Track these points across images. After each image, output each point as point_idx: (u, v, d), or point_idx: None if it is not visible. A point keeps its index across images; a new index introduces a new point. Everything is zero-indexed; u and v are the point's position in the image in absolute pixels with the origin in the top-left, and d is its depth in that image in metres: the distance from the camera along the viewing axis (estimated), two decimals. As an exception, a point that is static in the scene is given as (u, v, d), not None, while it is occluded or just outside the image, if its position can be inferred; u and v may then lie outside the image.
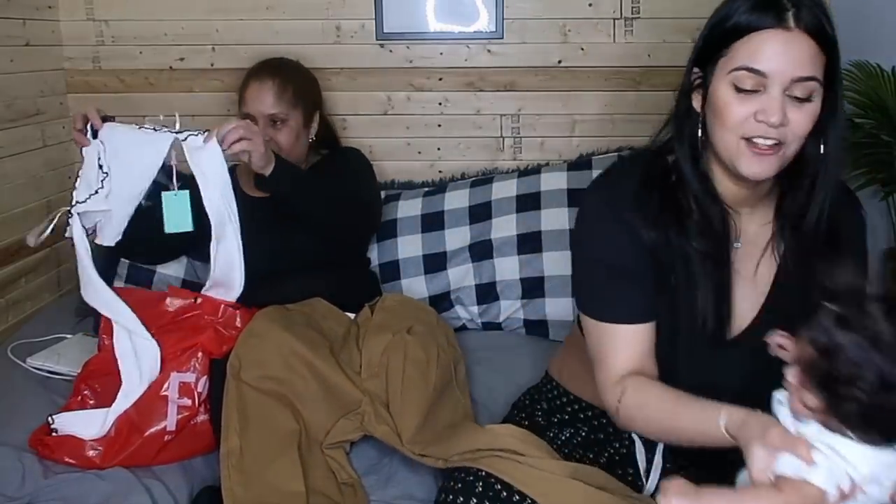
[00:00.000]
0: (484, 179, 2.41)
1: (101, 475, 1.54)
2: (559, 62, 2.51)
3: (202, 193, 1.68)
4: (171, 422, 1.62)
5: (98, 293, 1.68)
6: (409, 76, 2.53)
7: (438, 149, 2.58)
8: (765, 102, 1.14)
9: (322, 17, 2.50)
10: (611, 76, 2.50)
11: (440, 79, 2.53)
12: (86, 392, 1.69)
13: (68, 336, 2.09)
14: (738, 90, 1.16)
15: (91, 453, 1.59)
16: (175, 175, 1.69)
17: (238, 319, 1.72)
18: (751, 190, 1.26)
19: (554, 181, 2.33)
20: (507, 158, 2.57)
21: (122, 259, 2.22)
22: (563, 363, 1.53)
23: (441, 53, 2.52)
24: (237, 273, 1.74)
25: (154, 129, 1.70)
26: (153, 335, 1.68)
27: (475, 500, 1.22)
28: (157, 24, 2.51)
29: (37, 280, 2.40)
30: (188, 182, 1.73)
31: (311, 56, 2.32)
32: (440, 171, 2.55)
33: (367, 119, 2.54)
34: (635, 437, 1.34)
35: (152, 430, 1.61)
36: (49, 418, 1.63)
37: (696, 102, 1.24)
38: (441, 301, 2.26)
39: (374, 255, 2.29)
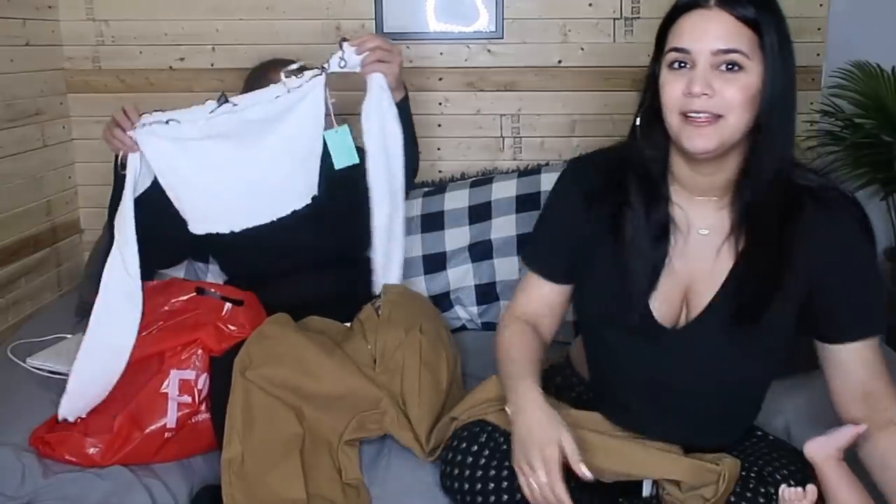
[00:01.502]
0: (484, 180, 2.41)
1: (101, 474, 1.54)
2: (559, 62, 2.51)
3: (365, 100, 1.74)
4: (171, 419, 1.62)
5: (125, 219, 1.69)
6: (409, 76, 2.52)
7: (438, 149, 2.58)
8: (691, 76, 1.23)
9: (322, 17, 2.50)
10: (611, 76, 2.50)
11: (440, 79, 2.53)
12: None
13: (68, 336, 2.09)
14: (671, 69, 1.26)
15: (91, 451, 1.59)
16: (332, 112, 1.73)
17: (241, 317, 1.73)
18: (708, 175, 1.31)
19: (554, 181, 2.32)
20: (507, 158, 2.57)
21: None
22: (576, 350, 1.63)
23: (441, 53, 2.52)
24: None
25: (288, 89, 1.72)
26: (152, 332, 1.70)
27: (476, 448, 1.37)
28: (157, 24, 2.51)
29: (37, 280, 2.40)
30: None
31: (312, 56, 2.31)
32: (440, 171, 2.55)
33: (367, 119, 2.54)
34: None
35: (153, 427, 1.61)
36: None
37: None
38: (441, 301, 2.25)
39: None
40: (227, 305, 1.74)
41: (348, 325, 1.87)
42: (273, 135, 1.77)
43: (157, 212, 1.79)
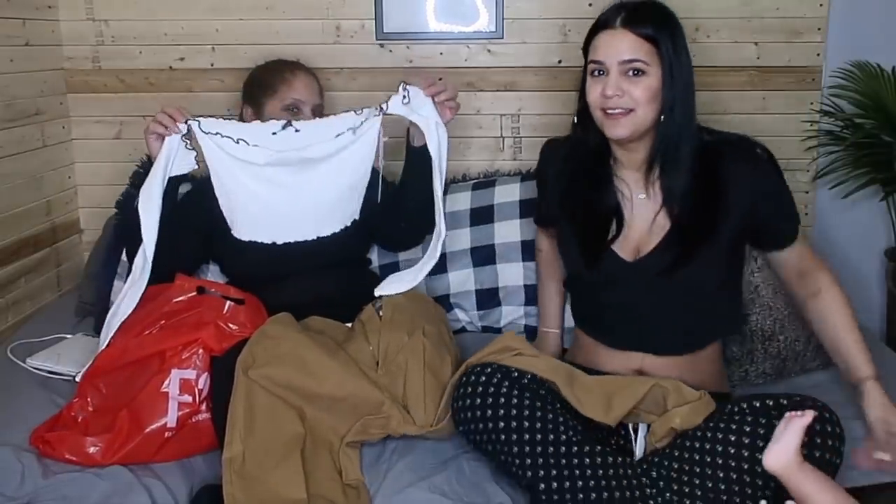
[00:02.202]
0: (486, 182, 2.40)
1: (101, 475, 1.54)
2: (559, 62, 2.51)
3: (427, 142, 1.85)
4: (171, 418, 1.62)
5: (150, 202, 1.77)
6: (409, 76, 2.52)
7: (438, 149, 2.57)
8: (606, 81, 1.59)
9: (322, 17, 2.50)
10: (611, 76, 2.50)
11: (440, 79, 2.52)
12: (89, 394, 1.69)
13: (68, 336, 2.09)
14: (592, 76, 1.62)
15: (92, 450, 1.59)
16: (382, 152, 1.89)
17: (242, 316, 1.74)
18: (633, 152, 1.66)
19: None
20: (507, 158, 2.57)
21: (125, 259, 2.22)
22: (572, 350, 1.86)
23: (441, 53, 2.52)
24: None
25: (349, 130, 1.85)
26: (153, 332, 1.72)
27: (490, 370, 1.53)
28: (157, 24, 2.51)
29: (37, 280, 2.40)
30: (202, 183, 1.92)
31: (311, 56, 2.32)
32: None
33: (367, 119, 2.54)
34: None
35: (153, 426, 1.61)
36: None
37: None
38: (440, 303, 2.24)
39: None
40: (228, 304, 1.75)
41: (349, 325, 1.87)
42: (327, 163, 1.88)
43: (188, 215, 1.94)
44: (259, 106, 2.04)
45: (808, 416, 1.29)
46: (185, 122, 1.80)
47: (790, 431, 1.26)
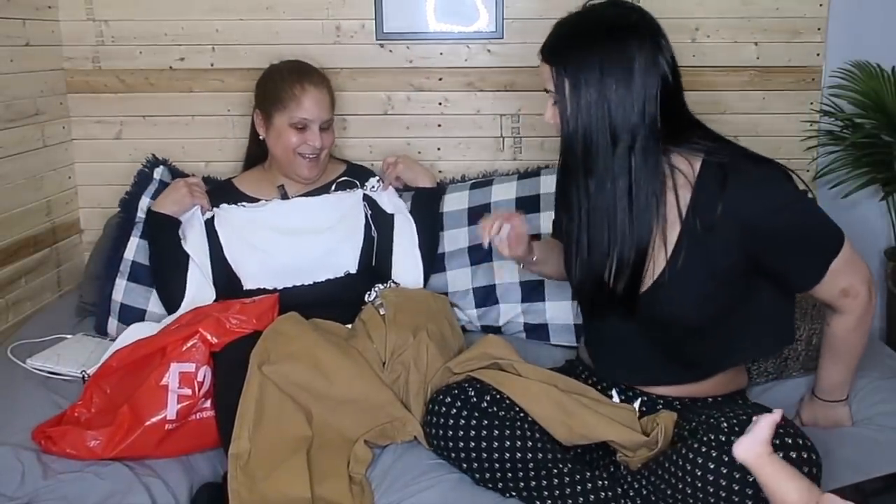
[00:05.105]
0: (483, 181, 2.40)
1: (101, 474, 1.54)
2: (559, 62, 2.51)
3: (396, 222, 2.18)
4: (171, 411, 1.62)
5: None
6: (409, 76, 2.53)
7: (438, 149, 2.58)
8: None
9: (322, 17, 2.50)
10: (611, 76, 2.50)
11: (440, 79, 2.53)
12: (94, 395, 1.70)
13: (68, 336, 2.09)
14: None
15: (92, 443, 1.59)
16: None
17: (247, 311, 1.75)
18: None
19: (553, 183, 2.31)
20: (507, 158, 2.57)
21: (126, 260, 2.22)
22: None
23: (441, 53, 2.52)
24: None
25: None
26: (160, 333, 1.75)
27: (447, 403, 1.55)
28: (157, 24, 2.51)
29: (37, 280, 2.40)
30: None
31: (311, 56, 2.32)
32: (440, 171, 2.55)
33: (367, 119, 2.54)
34: (614, 393, 1.64)
35: (153, 419, 1.61)
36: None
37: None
38: (440, 301, 2.25)
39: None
40: (237, 306, 1.76)
41: (349, 326, 1.88)
42: (322, 219, 2.11)
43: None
44: (269, 117, 2.06)
45: (778, 413, 1.29)
46: (211, 209, 2.10)
47: (760, 426, 1.28)
